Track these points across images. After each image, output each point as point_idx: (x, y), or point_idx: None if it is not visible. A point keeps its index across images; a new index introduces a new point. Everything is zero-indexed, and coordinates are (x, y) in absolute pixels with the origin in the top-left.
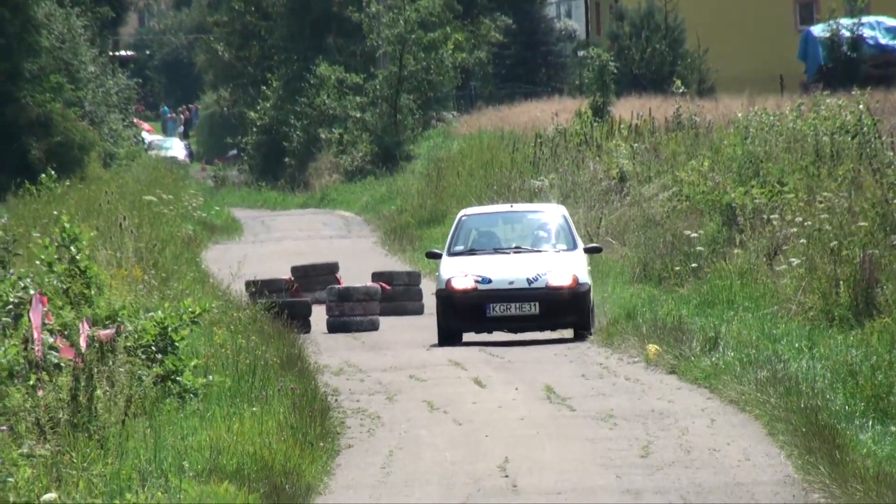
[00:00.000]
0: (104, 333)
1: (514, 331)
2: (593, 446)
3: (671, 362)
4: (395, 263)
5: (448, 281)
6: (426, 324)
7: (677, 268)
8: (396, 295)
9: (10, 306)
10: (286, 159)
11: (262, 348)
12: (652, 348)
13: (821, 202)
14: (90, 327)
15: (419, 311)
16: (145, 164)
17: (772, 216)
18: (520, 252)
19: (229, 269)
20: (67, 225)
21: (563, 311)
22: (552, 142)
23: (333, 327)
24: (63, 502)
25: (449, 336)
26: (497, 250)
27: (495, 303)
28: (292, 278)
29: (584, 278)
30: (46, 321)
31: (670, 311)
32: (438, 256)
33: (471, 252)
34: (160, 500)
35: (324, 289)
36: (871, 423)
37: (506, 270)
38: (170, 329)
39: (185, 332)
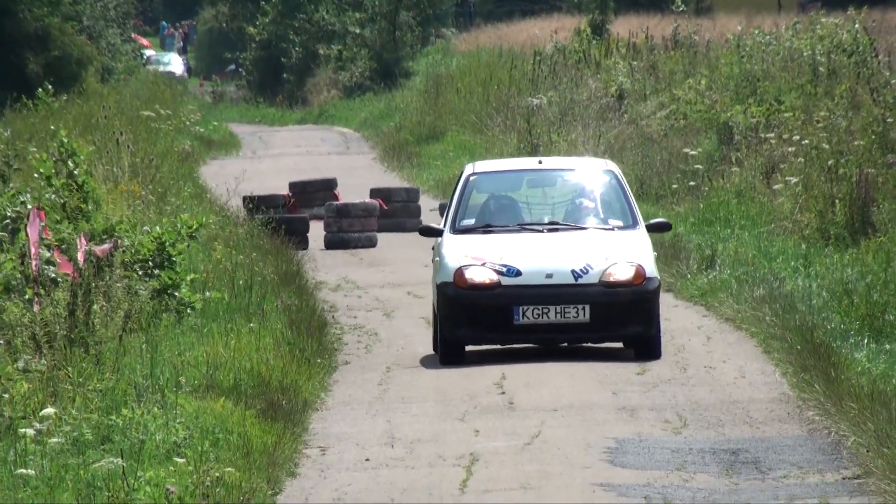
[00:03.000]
0: (101, 248)
1: (552, 343)
2: (590, 364)
3: (668, 280)
4: (393, 180)
5: (457, 271)
6: (424, 240)
7: (674, 186)
8: (395, 211)
9: (8, 221)
10: (284, 75)
11: (259, 264)
12: None
13: (818, 121)
14: (87, 242)
15: (417, 227)
16: (143, 80)
17: (768, 135)
18: (556, 230)
19: (227, 184)
20: (65, 140)
21: (622, 319)
22: (551, 60)
23: (331, 243)
24: (60, 416)
25: (454, 351)
26: (524, 227)
27: (528, 304)
28: (290, 194)
29: (652, 271)
30: (44, 236)
31: None
32: (437, 233)
33: (486, 228)
34: (156, 415)
35: (322, 205)
36: (865, 341)
37: (540, 258)
38: (167, 244)
39: (183, 246)
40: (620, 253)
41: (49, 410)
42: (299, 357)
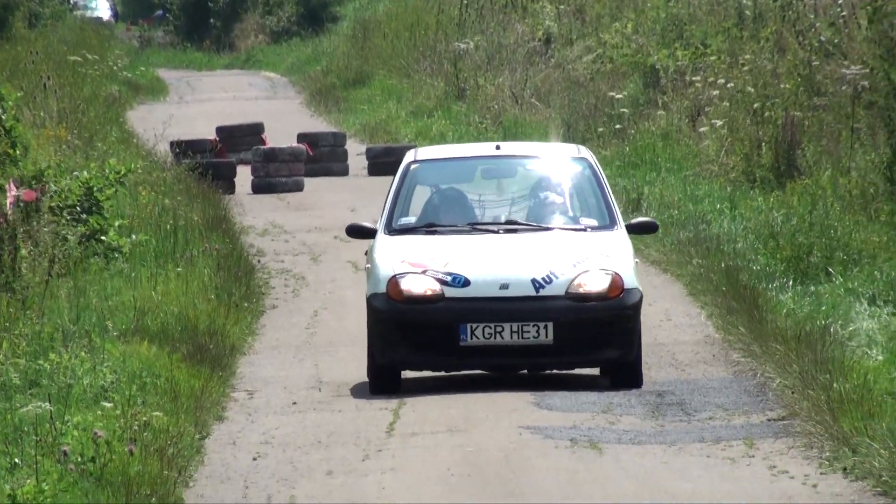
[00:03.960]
0: (29, 193)
1: (508, 369)
2: None
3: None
4: (320, 124)
5: (391, 281)
6: (351, 185)
7: (601, 129)
8: (321, 156)
9: None
10: (212, 20)
11: (186, 209)
12: None
13: (743, 64)
14: (17, 188)
15: (344, 172)
16: (70, 25)
17: (694, 78)
18: (515, 231)
19: (154, 129)
20: None
21: (594, 340)
22: (477, 4)
23: (258, 188)
24: None
25: (389, 377)
26: (475, 227)
27: (477, 322)
28: (217, 139)
29: (632, 280)
30: None
31: None
32: (369, 234)
33: (429, 229)
34: (84, 359)
35: (249, 150)
36: (791, 283)
37: (494, 264)
38: (95, 189)
39: (110, 192)
40: (593, 258)
41: None
42: (227, 302)
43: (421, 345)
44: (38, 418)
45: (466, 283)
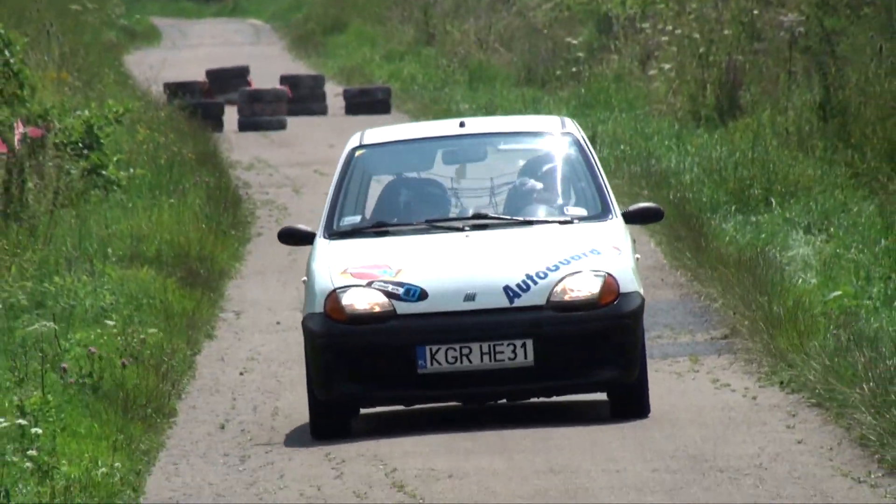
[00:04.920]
0: (35, 131)
1: (478, 399)
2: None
3: None
4: (301, 68)
5: (331, 297)
6: (329, 123)
7: (558, 72)
8: (302, 97)
9: None
10: None
11: (178, 145)
12: None
13: (690, 13)
14: (24, 126)
15: (323, 111)
16: None
17: (644, 25)
18: (486, 227)
19: (149, 72)
20: (2, 31)
21: (585, 359)
22: None
23: (244, 126)
24: None
25: (331, 419)
26: (434, 225)
27: (437, 343)
28: (206, 81)
29: (631, 282)
30: None
31: (551, 111)
32: (306, 239)
33: (378, 229)
34: (85, 282)
35: (235, 91)
36: (733, 213)
37: (456, 270)
38: (95, 127)
39: (110, 129)
40: (582, 257)
41: None
42: (216, 230)
43: (370, 375)
44: (44, 336)
45: (423, 295)
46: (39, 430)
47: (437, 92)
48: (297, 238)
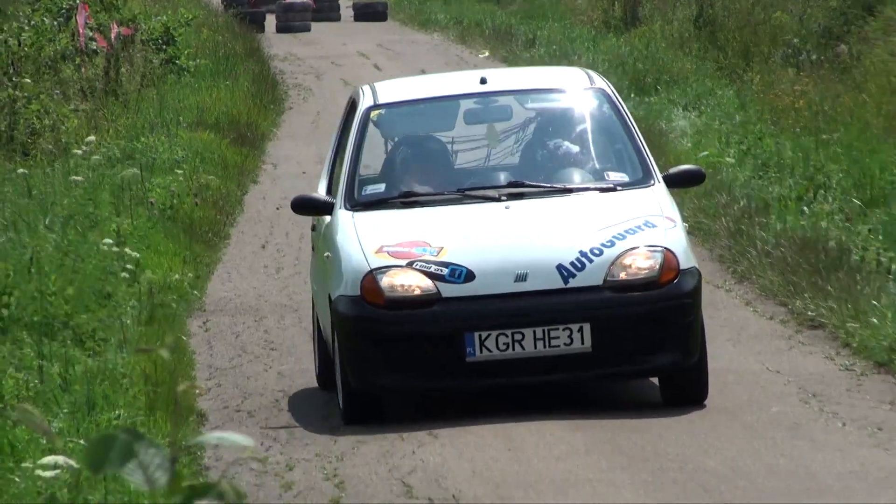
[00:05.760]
0: (126, 30)
1: (530, 387)
2: None
3: (503, 55)
4: None
5: (367, 279)
6: (342, 27)
7: None
8: (322, 9)
9: (63, 10)
10: None
11: (232, 42)
12: (485, 51)
13: None
14: (118, 26)
15: (338, 19)
16: None
17: None
18: (523, 196)
19: None
20: None
21: (644, 342)
22: None
23: (280, 30)
24: (99, 142)
25: (368, 407)
26: (466, 193)
27: (487, 329)
28: None
29: (688, 258)
30: (87, 21)
31: (503, 21)
32: (324, 209)
33: (405, 199)
34: (163, 141)
35: (274, 3)
36: (632, 95)
37: (503, 247)
38: (171, 28)
39: (182, 30)
40: (637, 231)
41: (91, 138)
42: (259, 104)
43: (412, 364)
44: (133, 179)
45: (470, 276)
46: (131, 251)
47: (420, 5)
48: (314, 208)
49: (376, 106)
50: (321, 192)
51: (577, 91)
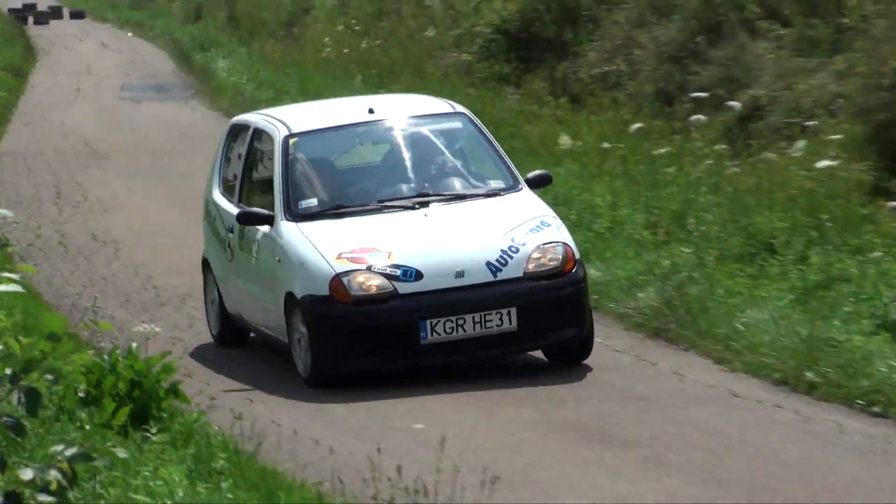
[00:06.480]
0: None
1: (470, 362)
2: None
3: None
4: None
5: (335, 281)
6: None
7: None
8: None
9: None
10: None
11: None
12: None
13: None
14: None
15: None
16: None
17: None
18: (427, 204)
19: None
20: None
21: (553, 320)
22: None
23: None
24: None
25: (336, 380)
26: (385, 204)
27: (436, 317)
28: None
29: (576, 249)
30: None
31: None
32: (266, 220)
33: (338, 211)
34: None
35: None
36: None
37: (440, 249)
38: None
39: None
40: (539, 230)
41: None
42: None
43: (376, 348)
44: None
45: (419, 275)
46: None
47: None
48: (256, 219)
49: (292, 135)
50: (215, 196)
51: (446, 115)
